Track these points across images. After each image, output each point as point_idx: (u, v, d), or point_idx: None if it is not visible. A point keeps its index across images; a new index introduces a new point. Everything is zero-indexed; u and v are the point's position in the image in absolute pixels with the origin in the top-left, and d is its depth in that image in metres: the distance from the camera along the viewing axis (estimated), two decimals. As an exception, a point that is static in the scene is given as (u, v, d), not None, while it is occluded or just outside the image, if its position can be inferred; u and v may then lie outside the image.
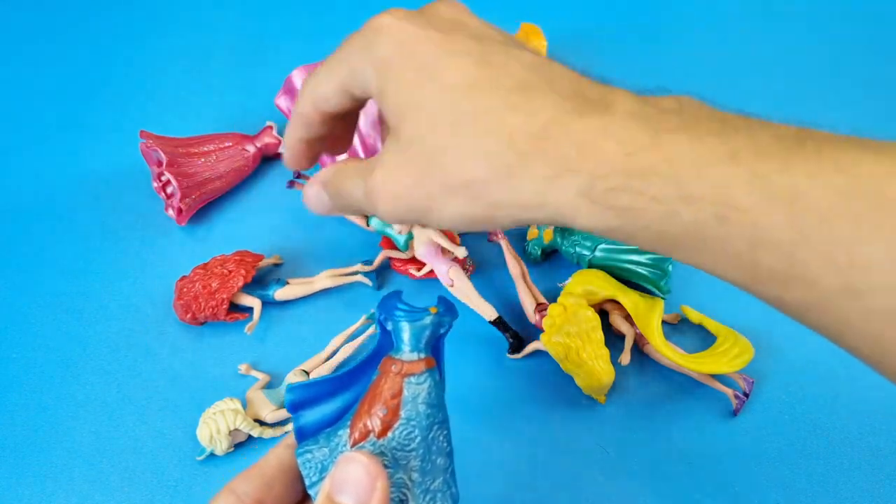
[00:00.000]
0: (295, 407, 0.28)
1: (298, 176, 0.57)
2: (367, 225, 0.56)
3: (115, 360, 0.52)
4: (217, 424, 0.46)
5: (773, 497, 0.46)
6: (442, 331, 0.29)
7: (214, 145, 0.59)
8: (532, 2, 0.75)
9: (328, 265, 0.57)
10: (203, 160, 0.58)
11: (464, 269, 0.53)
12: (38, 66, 0.71)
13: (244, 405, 0.49)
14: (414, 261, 0.55)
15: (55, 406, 0.51)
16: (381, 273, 0.56)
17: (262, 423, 0.49)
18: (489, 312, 0.51)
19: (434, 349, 0.29)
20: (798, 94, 0.68)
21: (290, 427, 0.49)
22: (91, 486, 0.47)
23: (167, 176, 0.56)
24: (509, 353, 0.51)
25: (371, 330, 0.52)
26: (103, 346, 0.53)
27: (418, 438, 0.27)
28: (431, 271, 0.53)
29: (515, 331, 0.51)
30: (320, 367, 0.51)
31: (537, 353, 0.51)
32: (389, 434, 0.27)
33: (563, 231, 0.54)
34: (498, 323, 0.51)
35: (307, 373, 0.50)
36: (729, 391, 0.49)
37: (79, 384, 0.52)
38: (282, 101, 0.61)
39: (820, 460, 0.47)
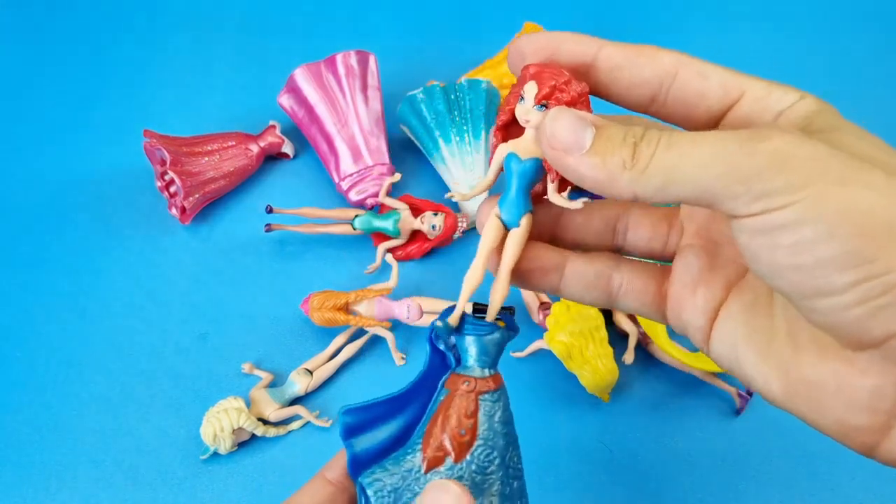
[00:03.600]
0: (349, 432, 0.26)
1: (271, 211, 0.55)
2: (353, 229, 0.56)
3: (118, 358, 0.53)
4: (221, 423, 0.46)
5: (777, 496, 0.46)
6: (505, 345, 0.27)
7: (218, 144, 0.59)
8: (535, 1, 0.75)
9: (328, 264, 0.57)
10: (206, 159, 0.58)
11: (455, 228, 0.55)
12: (42, 65, 0.71)
13: (248, 404, 0.49)
14: (411, 241, 0.56)
15: (59, 405, 0.51)
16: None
17: (265, 421, 0.49)
18: (466, 306, 0.51)
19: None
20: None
21: (293, 426, 0.49)
22: (94, 485, 0.47)
23: (170, 175, 0.56)
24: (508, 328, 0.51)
25: (375, 330, 0.52)
26: (106, 345, 0.53)
27: (497, 460, 0.25)
28: (441, 238, 0.55)
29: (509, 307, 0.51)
30: (323, 366, 0.51)
31: (541, 352, 0.51)
32: (468, 456, 0.25)
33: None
34: (478, 310, 0.51)
35: (310, 371, 0.50)
36: (733, 390, 0.49)
37: (82, 383, 0.52)
38: (285, 100, 0.61)
39: (823, 460, 0.47)
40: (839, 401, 0.21)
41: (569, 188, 0.26)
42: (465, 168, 0.58)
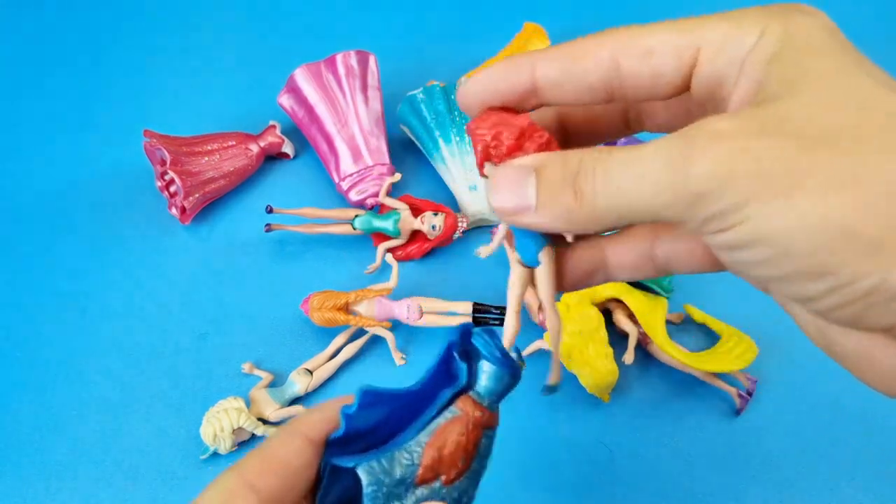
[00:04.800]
0: (361, 407, 0.26)
1: (271, 211, 0.55)
2: (353, 229, 0.56)
3: (118, 358, 0.53)
4: (221, 423, 0.46)
5: (777, 496, 0.46)
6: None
7: (218, 144, 0.59)
8: (535, 1, 0.75)
9: (328, 264, 0.57)
10: (206, 159, 0.58)
11: (455, 228, 0.55)
12: (42, 65, 0.71)
13: (248, 404, 0.49)
14: (411, 241, 0.56)
15: (59, 405, 0.51)
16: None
17: (265, 421, 0.49)
18: (465, 306, 0.51)
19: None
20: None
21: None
22: (95, 485, 0.47)
23: (171, 175, 0.56)
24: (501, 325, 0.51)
25: (375, 330, 0.52)
26: (107, 344, 0.53)
27: (472, 494, 0.26)
28: (441, 238, 0.55)
29: (499, 306, 0.51)
30: (323, 366, 0.51)
31: (541, 352, 0.51)
32: (456, 483, 0.26)
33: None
34: (478, 310, 0.51)
35: (310, 371, 0.50)
36: (732, 390, 0.49)
37: (82, 383, 0.52)
38: (285, 100, 0.61)
39: (823, 459, 0.47)
40: (870, 372, 0.21)
41: None
42: (465, 168, 0.58)
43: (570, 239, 0.24)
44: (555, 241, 0.25)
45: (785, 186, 0.17)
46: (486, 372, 0.26)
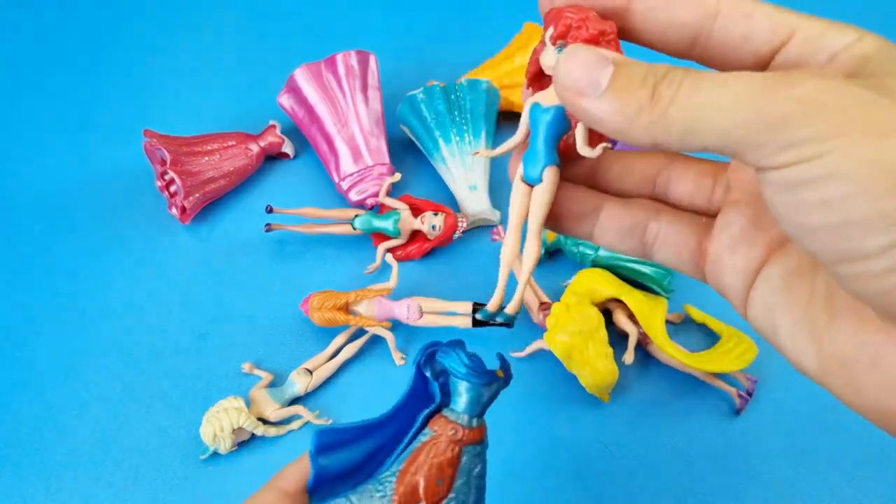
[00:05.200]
0: (321, 449, 0.26)
1: (271, 211, 0.55)
2: (353, 229, 0.56)
3: (118, 358, 0.53)
4: (221, 423, 0.46)
5: (777, 496, 0.46)
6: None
7: (218, 144, 0.59)
8: (536, 1, 0.75)
9: (328, 264, 0.57)
10: (207, 159, 0.58)
11: (455, 228, 0.55)
12: (42, 65, 0.71)
13: (247, 404, 0.49)
14: (411, 241, 0.57)
15: (59, 405, 0.51)
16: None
17: (265, 421, 0.49)
18: (465, 306, 0.51)
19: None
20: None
21: (293, 426, 0.49)
22: (94, 485, 0.47)
23: (171, 174, 0.56)
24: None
25: (375, 330, 0.52)
26: (106, 344, 0.53)
27: None
28: (441, 238, 0.55)
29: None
30: (323, 365, 0.51)
31: (541, 353, 0.51)
32: None
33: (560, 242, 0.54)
34: (478, 310, 0.51)
35: (310, 371, 0.50)
36: (732, 390, 0.49)
37: (82, 383, 0.52)
38: (285, 100, 0.61)
39: (823, 459, 0.47)
40: (873, 378, 0.20)
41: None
42: (465, 168, 0.58)
43: (593, 154, 0.23)
44: (565, 164, 0.24)
45: (877, 129, 0.17)
46: (458, 387, 0.25)
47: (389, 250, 0.56)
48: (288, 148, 0.62)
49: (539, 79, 0.24)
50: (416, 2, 0.76)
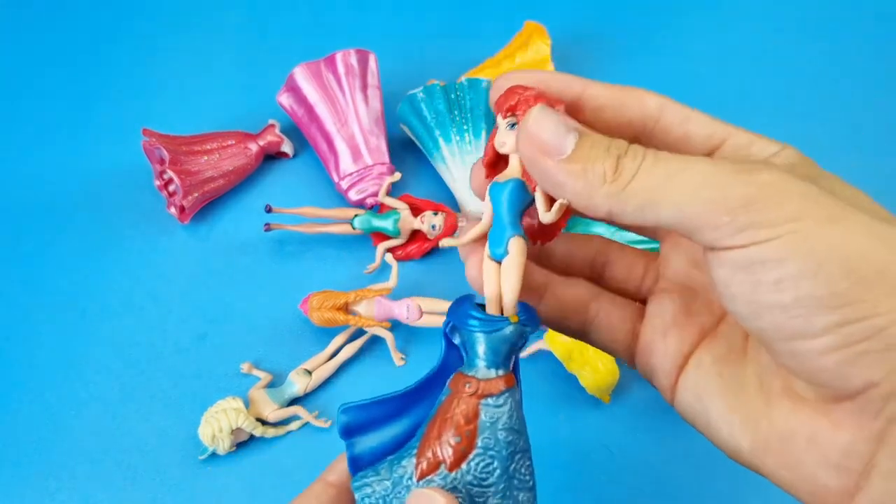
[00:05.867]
0: (349, 432, 0.24)
1: (270, 210, 0.55)
2: (353, 228, 0.56)
3: (117, 358, 0.52)
4: (219, 423, 0.46)
5: (777, 496, 0.46)
6: (522, 342, 0.24)
7: (217, 143, 0.59)
8: (536, 1, 0.75)
9: (328, 264, 0.57)
10: (206, 158, 0.58)
11: (455, 228, 0.55)
12: (41, 63, 0.71)
13: (246, 404, 0.49)
14: (411, 241, 0.56)
15: (57, 405, 0.51)
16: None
17: (264, 422, 0.49)
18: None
19: (513, 364, 0.24)
20: (799, 93, 0.67)
21: (292, 426, 0.49)
22: (93, 485, 0.47)
23: (169, 174, 0.56)
24: None
25: (374, 330, 0.51)
26: (105, 344, 0.53)
27: (498, 471, 0.23)
28: (443, 237, 0.54)
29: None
30: (322, 366, 0.51)
31: (541, 353, 0.50)
32: (464, 466, 0.22)
33: (568, 227, 0.53)
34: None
35: (309, 372, 0.50)
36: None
37: (81, 382, 0.51)
38: (284, 99, 0.60)
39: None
40: (810, 456, 0.20)
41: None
42: (465, 168, 0.58)
43: (553, 216, 0.23)
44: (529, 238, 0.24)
45: (827, 216, 0.18)
46: (471, 341, 0.24)
47: (389, 250, 0.56)
48: (287, 147, 0.62)
49: (495, 166, 0.25)
50: (416, 1, 0.76)
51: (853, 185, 0.22)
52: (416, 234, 0.57)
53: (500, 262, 0.24)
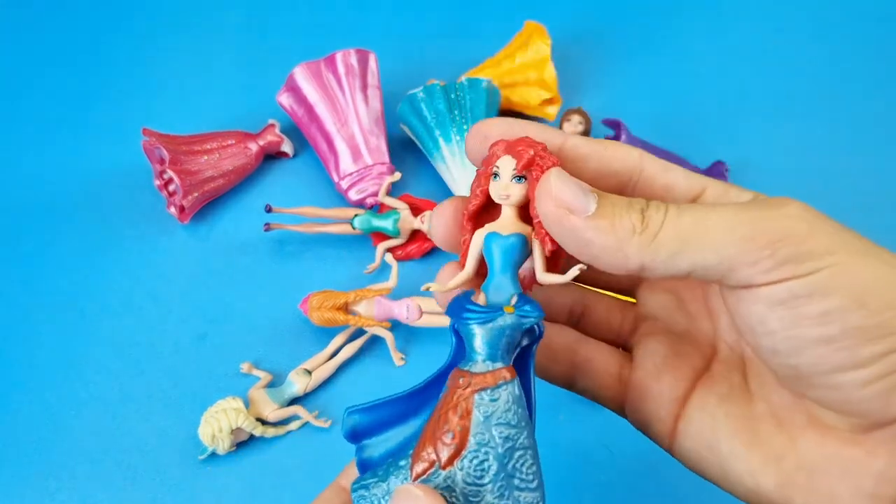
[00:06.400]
0: (356, 435, 0.24)
1: (270, 210, 0.55)
2: (353, 228, 0.56)
3: (116, 358, 0.52)
4: (219, 423, 0.46)
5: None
6: (524, 332, 0.23)
7: (217, 143, 0.59)
8: (536, 1, 0.75)
9: (328, 264, 0.57)
10: (205, 158, 0.58)
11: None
12: (41, 63, 0.71)
13: (246, 404, 0.49)
14: (411, 241, 0.56)
15: (57, 404, 0.51)
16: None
17: (264, 422, 0.49)
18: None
19: (519, 356, 0.23)
20: (799, 93, 0.67)
21: (292, 426, 0.49)
22: (93, 485, 0.47)
23: (169, 174, 0.56)
24: None
25: (374, 330, 0.51)
26: (105, 344, 0.53)
27: (493, 469, 0.21)
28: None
29: None
30: (322, 366, 0.51)
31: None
32: (457, 463, 0.21)
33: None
34: None
35: (309, 371, 0.50)
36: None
37: (81, 382, 0.51)
38: (284, 99, 0.60)
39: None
40: (843, 486, 0.20)
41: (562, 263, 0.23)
42: (465, 167, 0.58)
43: (565, 279, 0.22)
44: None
45: (862, 248, 0.19)
46: (467, 334, 0.23)
47: (389, 250, 0.56)
48: (287, 147, 0.62)
49: (479, 215, 0.24)
50: (416, 1, 0.76)
51: (853, 185, 0.22)
52: (416, 234, 0.57)
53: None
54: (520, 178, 0.23)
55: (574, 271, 0.22)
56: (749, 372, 0.24)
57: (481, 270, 0.25)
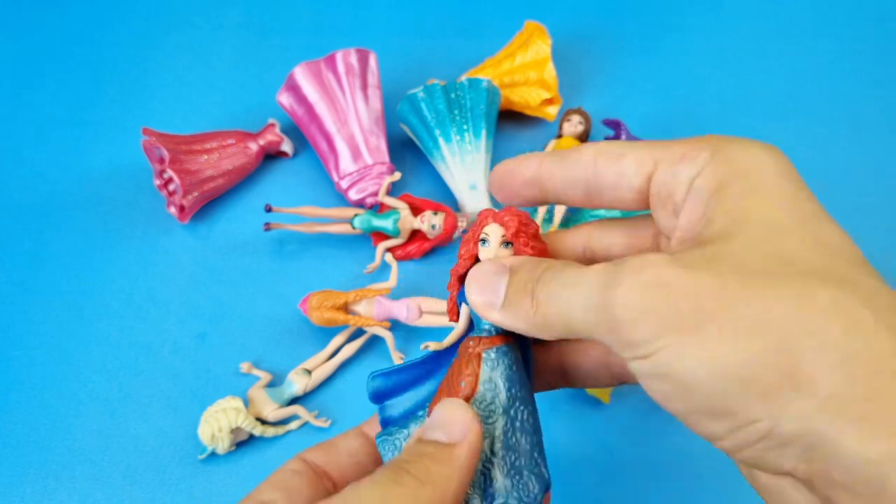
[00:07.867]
0: (378, 397, 0.27)
1: (270, 210, 0.54)
2: (353, 228, 0.56)
3: (116, 358, 0.52)
4: (219, 423, 0.46)
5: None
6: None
7: (217, 143, 0.59)
8: (536, 0, 0.75)
9: (327, 264, 0.57)
10: (205, 157, 0.57)
11: (455, 227, 0.55)
12: (41, 62, 0.71)
13: (246, 404, 0.49)
14: (411, 240, 0.56)
15: (56, 404, 0.50)
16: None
17: (263, 421, 0.49)
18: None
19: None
20: (799, 93, 0.67)
21: (291, 426, 0.49)
22: (92, 485, 0.47)
23: (169, 173, 0.56)
24: None
25: (374, 330, 0.51)
26: (104, 344, 0.53)
27: (499, 410, 0.25)
28: (441, 238, 0.55)
29: None
30: (322, 365, 0.51)
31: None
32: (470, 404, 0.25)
33: (568, 225, 0.53)
34: None
35: (309, 371, 0.50)
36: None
37: (80, 382, 0.51)
38: (284, 99, 0.60)
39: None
40: None
41: None
42: (465, 167, 0.58)
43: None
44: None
45: (693, 326, 0.19)
46: (473, 315, 0.27)
47: (389, 250, 0.56)
48: (287, 147, 0.62)
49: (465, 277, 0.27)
50: (416, 1, 0.76)
51: (853, 185, 0.22)
52: (416, 234, 0.57)
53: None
54: (507, 244, 0.26)
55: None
56: None
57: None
